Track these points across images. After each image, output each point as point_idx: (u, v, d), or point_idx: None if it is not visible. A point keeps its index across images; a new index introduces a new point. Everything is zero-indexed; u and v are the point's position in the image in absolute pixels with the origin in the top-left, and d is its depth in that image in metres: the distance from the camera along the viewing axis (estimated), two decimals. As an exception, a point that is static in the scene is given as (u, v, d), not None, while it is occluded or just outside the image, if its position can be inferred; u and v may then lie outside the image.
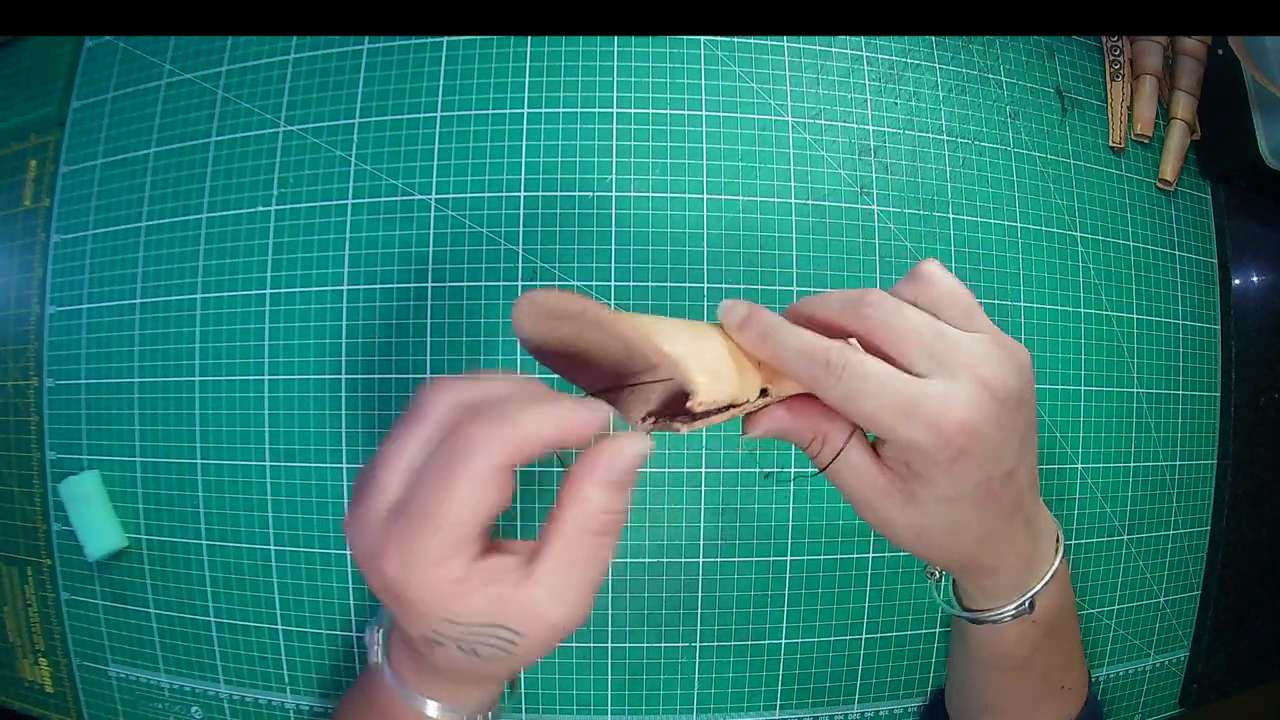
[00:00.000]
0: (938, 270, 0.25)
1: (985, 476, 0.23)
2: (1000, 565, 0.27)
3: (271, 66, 0.45)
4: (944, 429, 0.22)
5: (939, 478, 0.23)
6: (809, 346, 0.24)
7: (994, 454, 0.23)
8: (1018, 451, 0.24)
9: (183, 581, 0.45)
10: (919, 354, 0.23)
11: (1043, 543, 0.28)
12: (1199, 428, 0.49)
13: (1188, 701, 0.50)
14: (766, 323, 0.25)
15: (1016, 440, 0.24)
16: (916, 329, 0.24)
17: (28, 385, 0.47)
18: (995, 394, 0.23)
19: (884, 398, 0.23)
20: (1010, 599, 0.28)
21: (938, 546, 0.26)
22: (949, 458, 0.23)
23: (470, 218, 0.43)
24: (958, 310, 0.25)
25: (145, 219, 0.45)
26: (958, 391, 0.22)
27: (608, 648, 0.42)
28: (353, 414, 0.43)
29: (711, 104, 0.43)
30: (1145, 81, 0.48)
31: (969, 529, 0.25)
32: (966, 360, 0.23)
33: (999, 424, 0.23)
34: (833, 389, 0.23)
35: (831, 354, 0.23)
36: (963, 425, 0.22)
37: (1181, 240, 0.50)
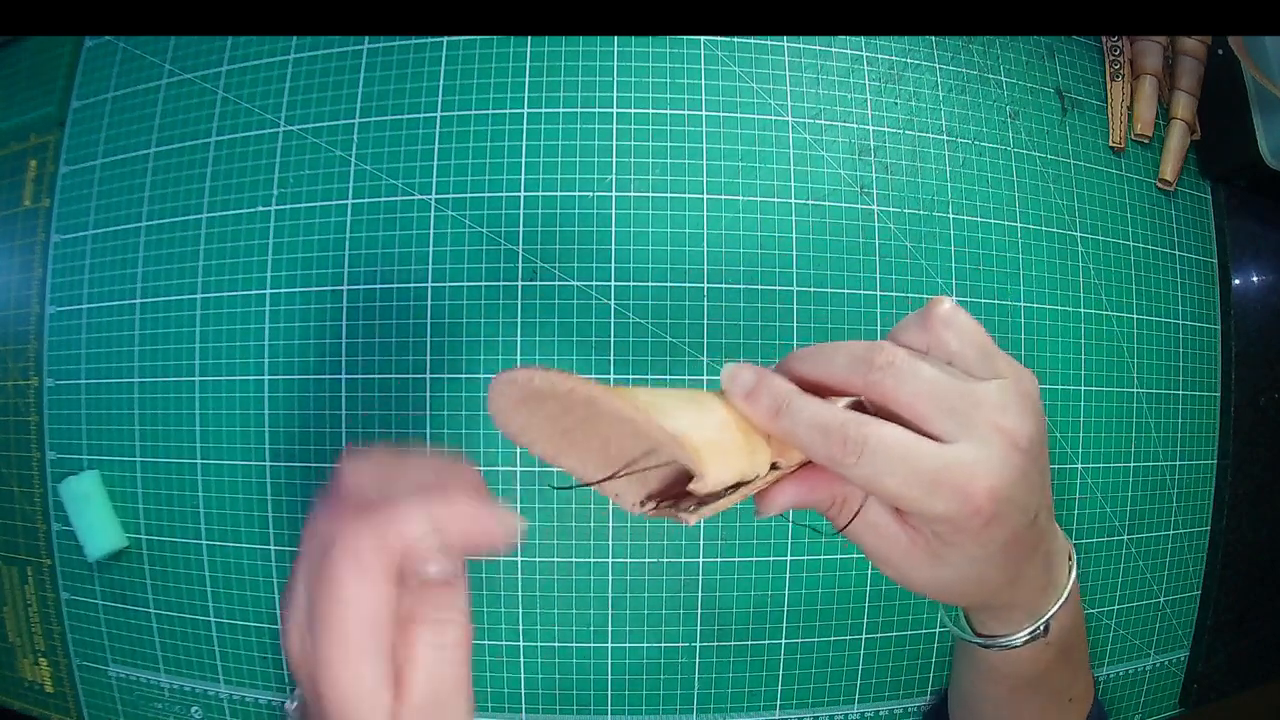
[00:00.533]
0: (954, 312, 0.23)
1: (1013, 531, 0.22)
2: (1016, 601, 0.26)
3: (271, 66, 0.45)
4: (974, 497, 0.21)
5: (967, 542, 0.22)
6: (822, 421, 0.22)
7: (1021, 509, 0.22)
8: (1039, 494, 0.23)
9: (183, 581, 0.45)
10: (940, 417, 0.21)
11: (1056, 568, 0.27)
12: (1199, 428, 0.49)
13: (1188, 701, 0.50)
14: (776, 394, 0.23)
15: (1039, 486, 0.23)
16: (937, 390, 0.22)
17: (28, 385, 0.47)
18: (1020, 447, 0.22)
19: (909, 474, 0.21)
20: (1024, 625, 0.26)
21: (959, 596, 0.25)
22: (978, 525, 0.21)
23: (470, 218, 0.43)
24: (976, 353, 0.23)
25: (145, 219, 0.45)
26: (986, 455, 0.21)
27: (608, 648, 0.42)
28: (353, 413, 0.43)
29: (711, 104, 0.43)
30: (1145, 81, 0.48)
31: (991, 578, 0.24)
32: (991, 416, 0.21)
33: (1026, 478, 0.22)
34: (853, 469, 0.21)
35: (849, 429, 0.21)
36: (993, 491, 0.21)
37: (1181, 240, 0.50)
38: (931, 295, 0.44)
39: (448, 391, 0.42)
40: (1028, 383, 0.23)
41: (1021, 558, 0.24)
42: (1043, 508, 0.24)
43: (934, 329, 0.23)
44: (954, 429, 0.21)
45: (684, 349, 0.42)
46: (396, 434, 0.42)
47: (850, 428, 0.21)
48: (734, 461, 0.21)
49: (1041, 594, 0.26)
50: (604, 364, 0.42)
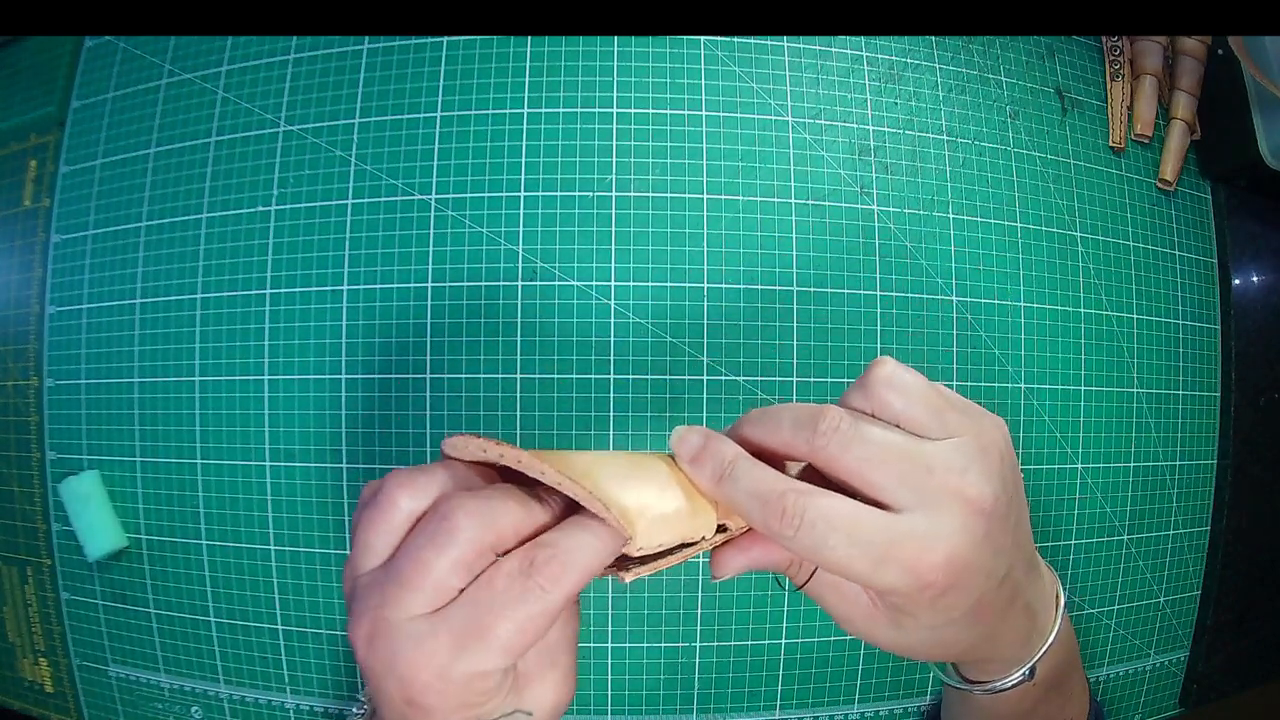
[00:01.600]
0: (896, 371, 0.22)
1: (978, 598, 0.21)
2: (995, 655, 0.25)
3: (271, 66, 0.45)
4: (924, 573, 0.20)
5: (924, 613, 0.21)
6: (761, 489, 0.21)
7: (986, 573, 0.21)
8: (1009, 552, 0.22)
9: (183, 581, 0.45)
10: (889, 485, 0.20)
11: (1041, 615, 0.25)
12: (1199, 428, 0.49)
13: (1188, 701, 0.50)
14: (720, 459, 0.22)
15: (1008, 545, 0.21)
16: (884, 456, 0.20)
17: (28, 385, 0.47)
18: (983, 511, 0.20)
19: (852, 547, 0.20)
20: (1010, 672, 0.25)
21: (929, 657, 0.24)
22: (933, 597, 0.20)
23: (470, 218, 0.43)
24: (925, 411, 0.21)
25: (145, 219, 0.45)
26: (940, 524, 0.20)
27: (608, 648, 0.42)
28: (353, 414, 0.43)
29: (711, 104, 0.43)
30: (1145, 81, 0.48)
31: (961, 640, 0.23)
32: (946, 480, 0.20)
33: (990, 541, 0.21)
34: (791, 541, 0.20)
35: (787, 499, 0.20)
36: (948, 563, 0.20)
37: (1181, 240, 0.50)
38: (931, 295, 0.44)
39: (448, 391, 0.42)
40: (991, 433, 0.22)
41: (994, 617, 0.23)
42: (1017, 563, 0.22)
43: (875, 392, 0.22)
44: (906, 497, 0.20)
45: (684, 349, 0.42)
46: (396, 434, 0.42)
47: (789, 498, 0.20)
48: (671, 525, 0.21)
49: (1025, 643, 0.25)
50: (604, 364, 0.42)
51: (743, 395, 0.42)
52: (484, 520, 0.19)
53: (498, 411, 0.42)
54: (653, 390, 0.42)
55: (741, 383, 0.42)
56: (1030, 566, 0.24)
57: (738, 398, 0.42)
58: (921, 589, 0.20)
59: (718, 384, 0.42)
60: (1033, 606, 0.24)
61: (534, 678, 0.21)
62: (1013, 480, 0.22)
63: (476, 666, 0.18)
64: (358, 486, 0.42)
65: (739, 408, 0.42)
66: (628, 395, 0.42)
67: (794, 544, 0.20)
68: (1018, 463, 0.23)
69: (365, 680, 0.20)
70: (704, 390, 0.42)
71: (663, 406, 0.42)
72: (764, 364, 0.42)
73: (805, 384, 0.43)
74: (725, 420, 0.42)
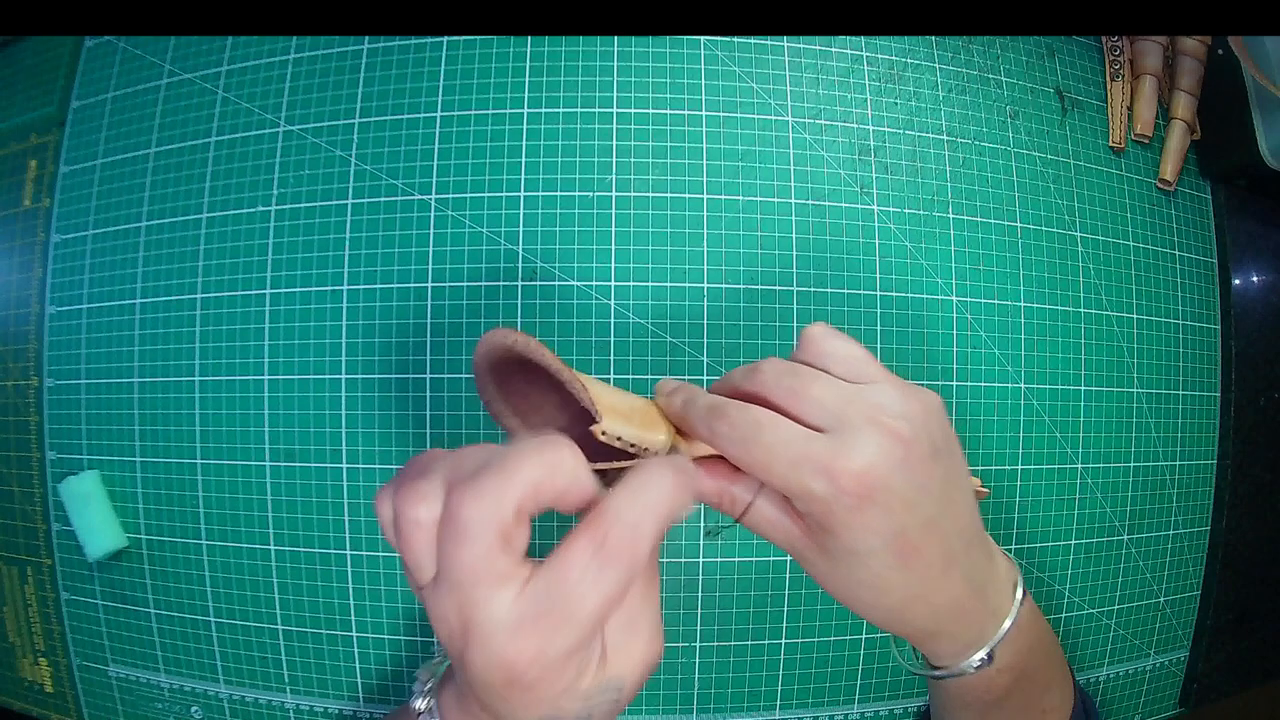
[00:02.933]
0: (821, 332, 0.26)
1: (898, 527, 0.23)
2: (940, 630, 0.26)
3: (271, 66, 0.45)
4: (839, 477, 0.22)
5: (843, 530, 0.23)
6: (712, 403, 0.24)
7: (904, 502, 0.22)
8: (937, 499, 0.23)
9: (183, 581, 0.45)
10: (814, 411, 0.23)
11: (993, 595, 0.26)
12: (1199, 428, 0.49)
13: (1188, 701, 0.50)
14: (689, 391, 0.26)
15: (934, 487, 0.23)
16: (809, 387, 0.24)
17: (28, 385, 0.47)
18: (898, 440, 0.22)
19: (775, 448, 0.22)
20: (964, 656, 0.26)
21: (863, 604, 0.25)
22: (848, 506, 0.22)
23: (470, 218, 0.43)
24: (848, 368, 0.25)
25: (145, 219, 0.45)
26: (857, 441, 0.22)
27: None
28: (353, 414, 0.43)
29: (711, 104, 0.43)
30: (1145, 81, 0.48)
31: (893, 587, 0.24)
32: (864, 410, 0.23)
33: (906, 471, 0.22)
34: (725, 436, 0.23)
35: (730, 408, 0.24)
36: (861, 472, 0.22)
37: (1181, 240, 0.50)
38: (931, 295, 0.44)
39: (448, 391, 0.42)
40: (917, 393, 0.24)
41: (925, 570, 0.24)
42: (947, 517, 0.24)
43: (806, 347, 0.26)
44: (830, 421, 0.23)
45: (684, 349, 0.42)
46: (396, 434, 0.42)
47: (729, 407, 0.24)
48: (631, 424, 0.24)
49: (976, 623, 0.26)
50: (604, 364, 0.42)
51: (743, 395, 0.42)
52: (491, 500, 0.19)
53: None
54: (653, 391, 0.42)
55: (741, 383, 0.42)
56: (970, 541, 0.25)
57: (738, 398, 0.42)
58: (837, 495, 0.22)
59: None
60: (976, 581, 0.26)
61: (618, 647, 0.22)
62: (941, 437, 0.24)
63: (569, 643, 0.19)
64: (358, 486, 0.42)
65: (739, 408, 0.42)
66: (628, 395, 0.42)
67: (727, 440, 0.23)
68: (955, 438, 0.25)
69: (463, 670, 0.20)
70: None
71: (663, 406, 0.42)
72: (764, 364, 0.42)
73: (805, 384, 0.42)
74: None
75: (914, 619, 0.25)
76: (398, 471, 0.22)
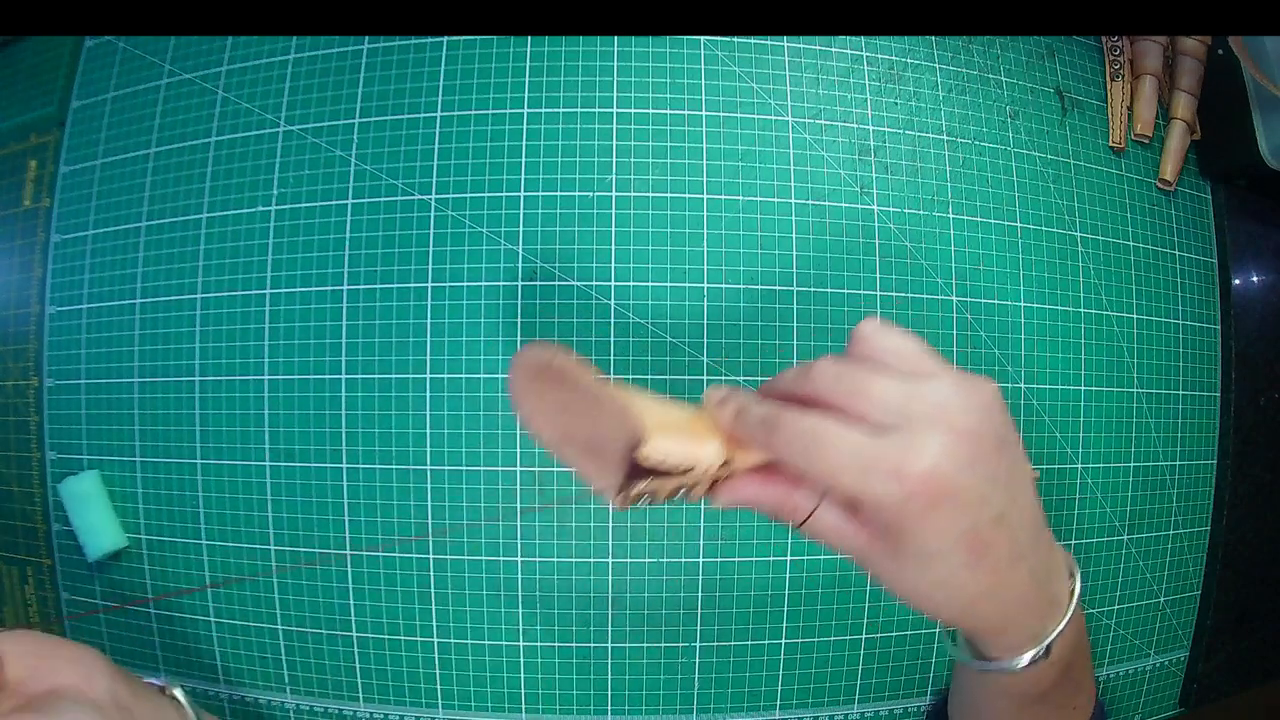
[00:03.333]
0: (874, 328, 0.25)
1: (969, 525, 0.22)
2: (1008, 625, 0.25)
3: (271, 66, 0.45)
4: (909, 479, 0.21)
5: (914, 533, 0.22)
6: (767, 413, 0.24)
7: (976, 499, 0.22)
8: (1005, 494, 0.23)
9: (183, 581, 0.45)
10: (875, 411, 0.22)
11: (1055, 587, 0.26)
12: (1199, 428, 0.49)
13: (1188, 701, 0.50)
14: (741, 399, 0.25)
15: (1002, 480, 0.23)
16: (868, 386, 0.23)
17: (28, 385, 0.47)
18: (965, 436, 0.22)
19: (840, 455, 0.22)
20: (1026, 648, 0.26)
21: (934, 604, 0.24)
22: (921, 509, 0.21)
23: (470, 218, 0.43)
24: (905, 364, 0.24)
25: (145, 219, 0.45)
26: (923, 440, 0.21)
27: (608, 648, 0.42)
28: (353, 414, 0.43)
29: (711, 104, 0.43)
30: (1145, 81, 0.48)
31: (964, 585, 0.23)
32: (927, 408, 0.22)
33: (975, 467, 0.22)
34: (785, 447, 0.23)
35: (784, 418, 0.23)
36: (930, 473, 0.21)
37: (1181, 240, 0.50)
38: (931, 295, 0.44)
39: (448, 391, 0.42)
40: (978, 383, 0.23)
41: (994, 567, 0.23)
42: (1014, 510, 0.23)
43: (862, 346, 0.25)
44: (891, 421, 0.22)
45: (684, 349, 0.42)
46: (396, 434, 0.42)
47: (786, 417, 0.23)
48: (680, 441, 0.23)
49: (1038, 615, 0.25)
50: (604, 364, 0.42)
51: (743, 395, 0.42)
52: None
53: (498, 411, 0.42)
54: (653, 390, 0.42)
55: (742, 383, 0.42)
56: (1035, 533, 0.25)
57: (738, 398, 0.42)
58: (907, 498, 0.21)
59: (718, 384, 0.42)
60: (1040, 574, 0.25)
61: None
62: (1004, 425, 0.24)
63: None
64: (358, 486, 0.42)
65: (739, 408, 0.42)
66: (628, 395, 0.42)
67: (788, 451, 0.23)
68: (1012, 421, 0.24)
69: None
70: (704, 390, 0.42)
71: (663, 406, 0.42)
72: (764, 364, 0.42)
73: (805, 384, 0.42)
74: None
75: (983, 615, 0.25)
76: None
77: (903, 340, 0.24)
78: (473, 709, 0.43)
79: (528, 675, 0.42)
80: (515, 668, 0.42)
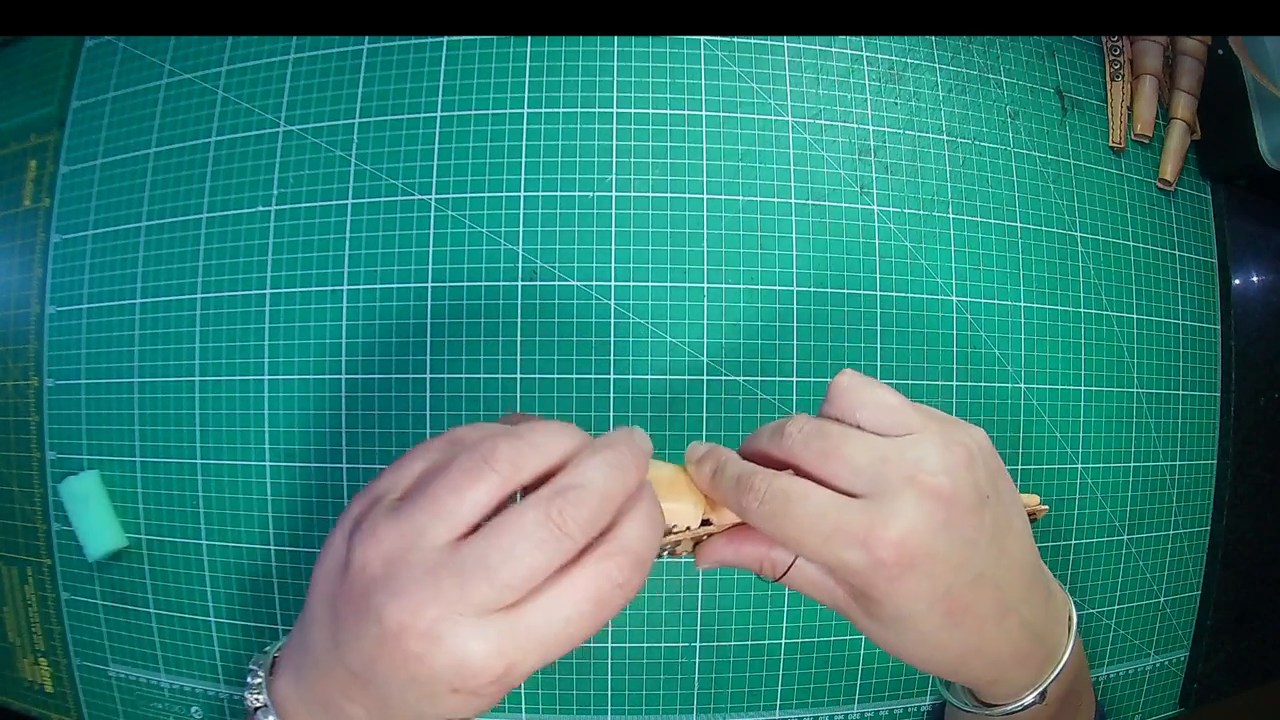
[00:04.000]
0: (849, 382, 0.24)
1: (944, 589, 0.21)
2: (1000, 676, 0.25)
3: (271, 66, 0.45)
4: (877, 547, 0.21)
5: (886, 598, 0.22)
6: (740, 473, 0.23)
7: (949, 564, 0.21)
8: (986, 553, 0.22)
9: (183, 581, 0.45)
10: (846, 474, 0.22)
11: (1053, 634, 0.25)
12: (1199, 428, 0.49)
13: (1188, 701, 0.50)
14: (718, 458, 0.25)
15: (982, 541, 0.22)
16: (840, 449, 0.22)
17: (28, 385, 0.47)
18: (939, 499, 0.21)
19: (806, 522, 0.21)
20: (1020, 696, 0.25)
21: (920, 661, 0.24)
22: (889, 577, 0.21)
23: (470, 218, 0.43)
24: (883, 419, 0.23)
25: (145, 219, 0.45)
26: (894, 506, 0.21)
27: (608, 648, 0.42)
28: (353, 414, 0.43)
29: (711, 104, 0.43)
30: (1145, 81, 0.48)
31: (946, 645, 0.23)
32: (899, 471, 0.21)
33: (950, 531, 0.21)
34: (754, 512, 0.22)
35: (756, 478, 0.23)
36: (900, 541, 0.20)
37: (1181, 240, 0.50)
38: (931, 295, 0.44)
39: (448, 391, 0.42)
40: (959, 435, 0.22)
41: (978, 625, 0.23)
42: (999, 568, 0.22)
43: (836, 400, 0.24)
44: (862, 484, 0.21)
45: (684, 349, 0.42)
46: (396, 434, 0.42)
47: (757, 478, 0.23)
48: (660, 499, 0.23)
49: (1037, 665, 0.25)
50: (604, 364, 0.42)
51: (743, 395, 0.42)
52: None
53: (498, 412, 0.42)
54: (653, 390, 0.42)
55: (741, 383, 0.42)
56: (1028, 585, 0.24)
57: (738, 398, 0.42)
58: (875, 567, 0.21)
59: (718, 384, 0.42)
60: (1035, 625, 0.24)
61: None
62: (988, 482, 0.22)
63: (487, 596, 0.18)
64: (358, 486, 0.42)
65: (739, 408, 0.42)
66: (628, 395, 0.42)
67: (756, 515, 0.22)
68: (1004, 472, 0.23)
69: (354, 603, 0.19)
70: (704, 390, 0.42)
71: (663, 406, 0.42)
72: (764, 364, 0.42)
73: (805, 384, 0.43)
74: (725, 419, 0.42)
75: (972, 670, 0.24)
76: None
77: (881, 394, 0.23)
78: (473, 709, 0.43)
79: (528, 675, 0.42)
80: (515, 668, 0.42)
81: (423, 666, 0.18)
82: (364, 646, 0.19)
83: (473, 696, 0.19)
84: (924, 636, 0.23)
